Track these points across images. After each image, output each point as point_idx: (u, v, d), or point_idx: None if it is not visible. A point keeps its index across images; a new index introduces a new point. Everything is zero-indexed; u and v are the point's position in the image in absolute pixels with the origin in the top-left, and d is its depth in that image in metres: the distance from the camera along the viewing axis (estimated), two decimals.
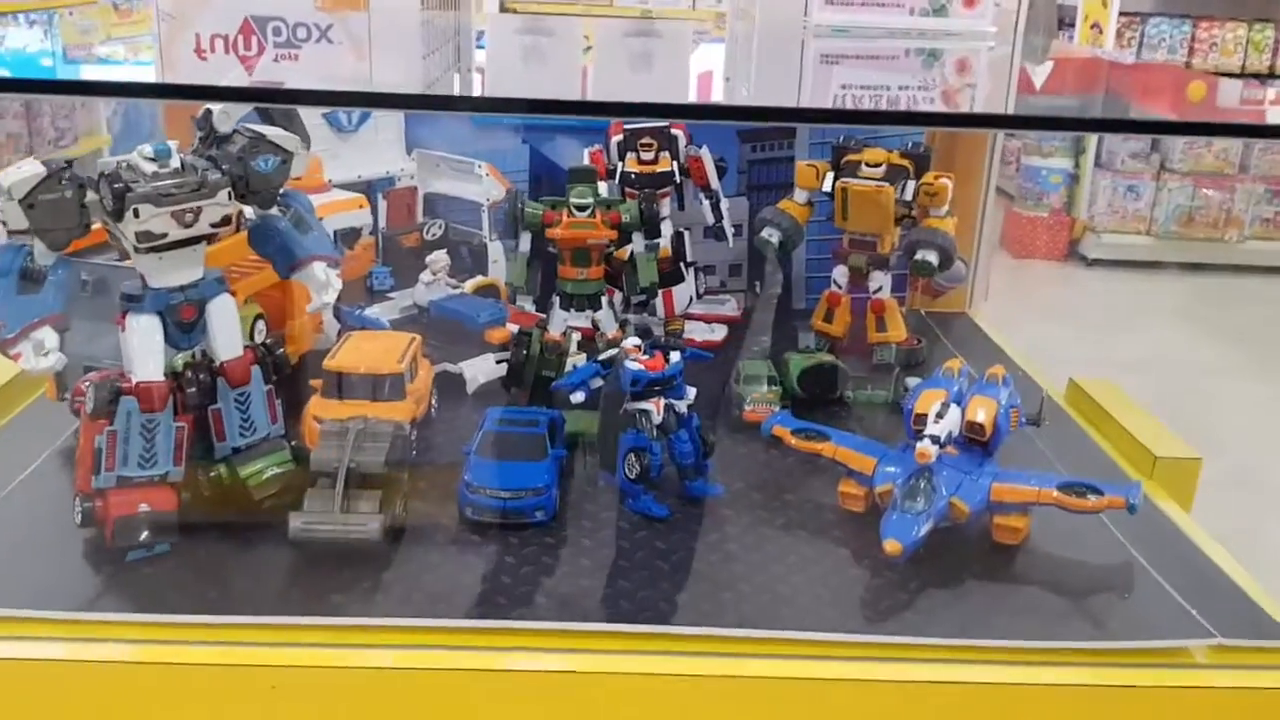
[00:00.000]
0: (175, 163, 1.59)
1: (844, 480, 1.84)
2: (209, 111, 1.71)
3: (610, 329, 2.11)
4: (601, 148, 2.51)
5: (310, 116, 2.56)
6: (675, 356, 1.84)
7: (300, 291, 2.20)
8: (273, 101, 1.79)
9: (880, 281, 2.50)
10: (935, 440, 1.70)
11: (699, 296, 2.57)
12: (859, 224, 2.44)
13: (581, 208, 2.04)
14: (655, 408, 1.81)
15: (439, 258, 2.43)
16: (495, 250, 2.58)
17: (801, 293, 2.87)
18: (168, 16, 2.71)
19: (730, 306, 2.72)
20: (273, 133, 1.69)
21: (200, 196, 1.58)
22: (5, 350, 1.55)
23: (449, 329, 2.34)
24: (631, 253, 2.11)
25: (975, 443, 1.79)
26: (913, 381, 2.33)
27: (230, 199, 1.62)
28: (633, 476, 1.79)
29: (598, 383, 1.82)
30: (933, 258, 2.40)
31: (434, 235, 2.62)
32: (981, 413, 1.78)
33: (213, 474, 1.74)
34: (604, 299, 2.11)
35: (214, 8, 2.68)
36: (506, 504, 1.73)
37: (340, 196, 2.33)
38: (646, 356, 1.83)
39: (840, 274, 2.51)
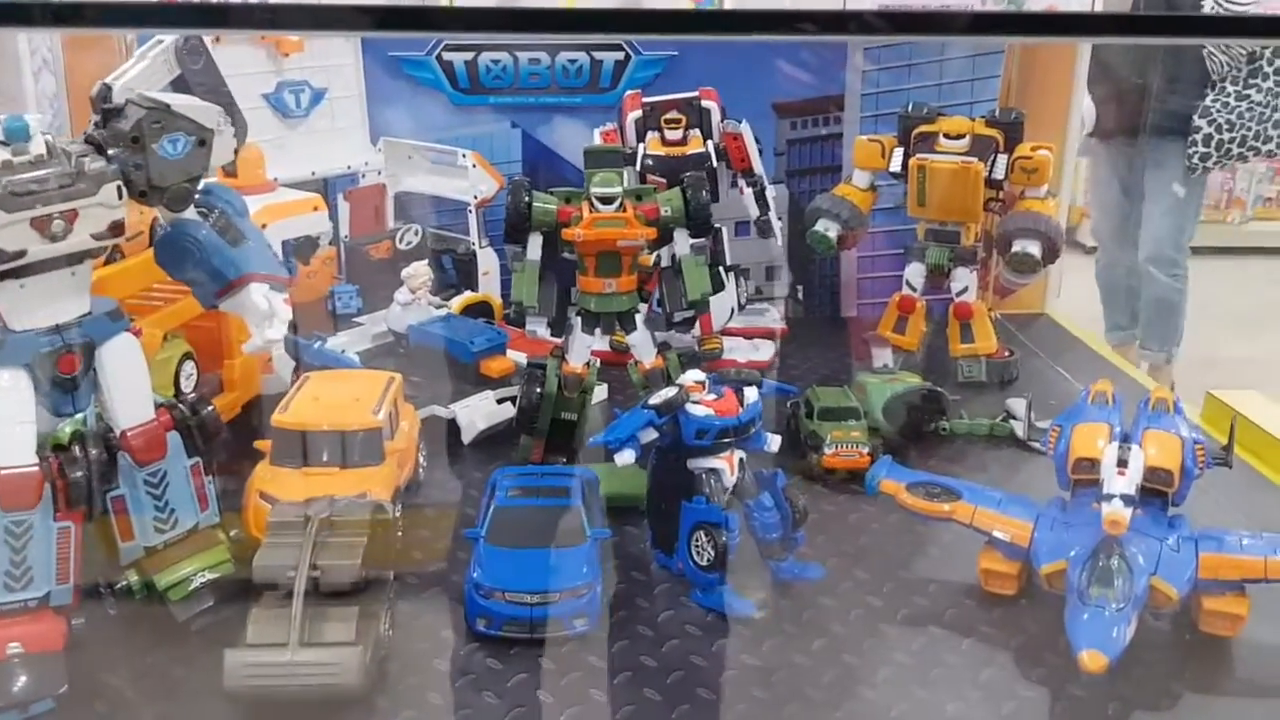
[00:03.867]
0: (38, 148, 1.10)
1: (985, 552, 1.38)
2: (106, 87, 1.23)
3: (648, 357, 1.61)
4: (615, 127, 2.03)
5: (249, 100, 2.05)
6: (752, 394, 1.36)
7: (240, 321, 1.70)
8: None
9: (965, 281, 2.03)
10: (1129, 501, 1.24)
11: (741, 307, 2.08)
12: (941, 210, 1.97)
13: (607, 200, 1.54)
14: (728, 465, 1.33)
15: (419, 270, 1.92)
16: (486, 259, 2.09)
17: (852, 298, 2.40)
18: None
19: (772, 317, 2.24)
20: (181, 102, 1.19)
21: (74, 195, 1.09)
22: None
23: (435, 361, 1.86)
24: (674, 256, 1.62)
25: (1154, 493, 1.33)
26: (1014, 404, 1.87)
27: (121, 197, 1.12)
28: (704, 563, 1.31)
29: (650, 434, 1.32)
30: (1035, 249, 1.93)
31: (409, 244, 2.13)
32: (1165, 455, 1.31)
33: (119, 585, 1.25)
34: (638, 318, 1.61)
35: None
36: (534, 612, 1.24)
37: (290, 197, 1.83)
38: (713, 397, 1.34)
39: (915, 273, 2.03)
